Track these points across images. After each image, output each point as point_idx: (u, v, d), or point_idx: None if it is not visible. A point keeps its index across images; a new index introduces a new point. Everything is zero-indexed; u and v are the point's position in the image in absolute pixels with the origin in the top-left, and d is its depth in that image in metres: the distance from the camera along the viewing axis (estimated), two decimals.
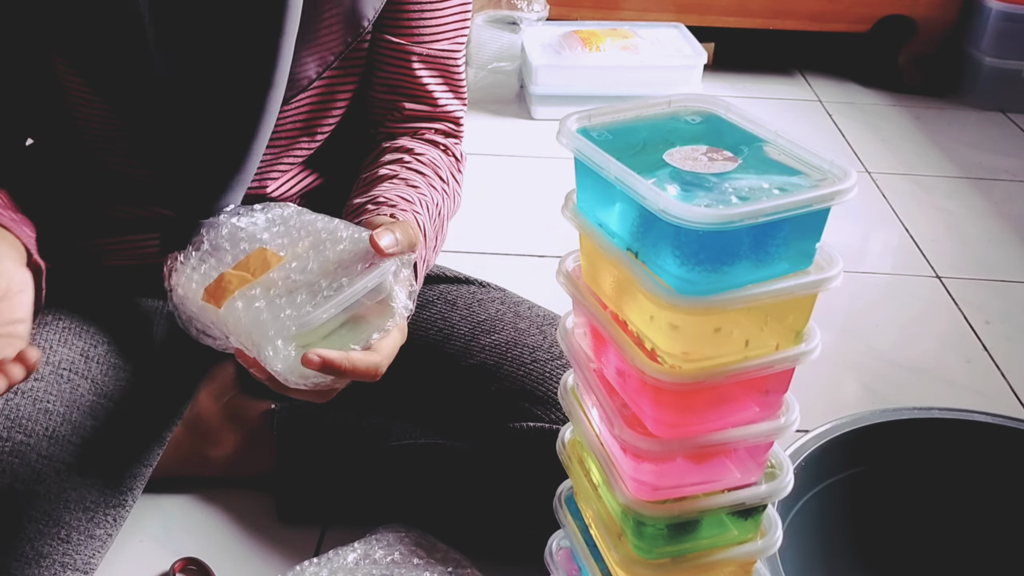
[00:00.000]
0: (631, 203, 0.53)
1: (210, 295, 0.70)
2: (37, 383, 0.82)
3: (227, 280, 0.70)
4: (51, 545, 0.78)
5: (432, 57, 0.91)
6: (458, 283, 1.01)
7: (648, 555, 0.60)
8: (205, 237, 0.75)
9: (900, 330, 1.37)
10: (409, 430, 0.94)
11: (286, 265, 0.70)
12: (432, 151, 0.93)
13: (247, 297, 0.68)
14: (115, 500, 0.84)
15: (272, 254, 0.71)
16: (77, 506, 0.81)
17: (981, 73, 2.19)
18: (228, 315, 0.68)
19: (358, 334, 0.69)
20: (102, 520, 0.82)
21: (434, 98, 0.94)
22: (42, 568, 0.77)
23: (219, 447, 0.99)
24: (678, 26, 2.21)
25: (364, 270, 0.69)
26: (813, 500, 0.87)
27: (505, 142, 1.92)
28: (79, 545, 0.80)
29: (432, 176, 0.90)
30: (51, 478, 0.80)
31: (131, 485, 0.86)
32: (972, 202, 1.77)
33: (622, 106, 0.61)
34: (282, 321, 0.65)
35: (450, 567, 0.87)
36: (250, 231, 0.75)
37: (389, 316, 0.70)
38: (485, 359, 0.91)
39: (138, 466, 0.87)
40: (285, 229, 0.75)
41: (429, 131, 0.95)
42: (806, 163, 0.55)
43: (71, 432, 0.82)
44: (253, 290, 0.68)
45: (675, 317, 0.53)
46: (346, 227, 0.74)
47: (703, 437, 0.57)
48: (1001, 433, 0.90)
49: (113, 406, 0.86)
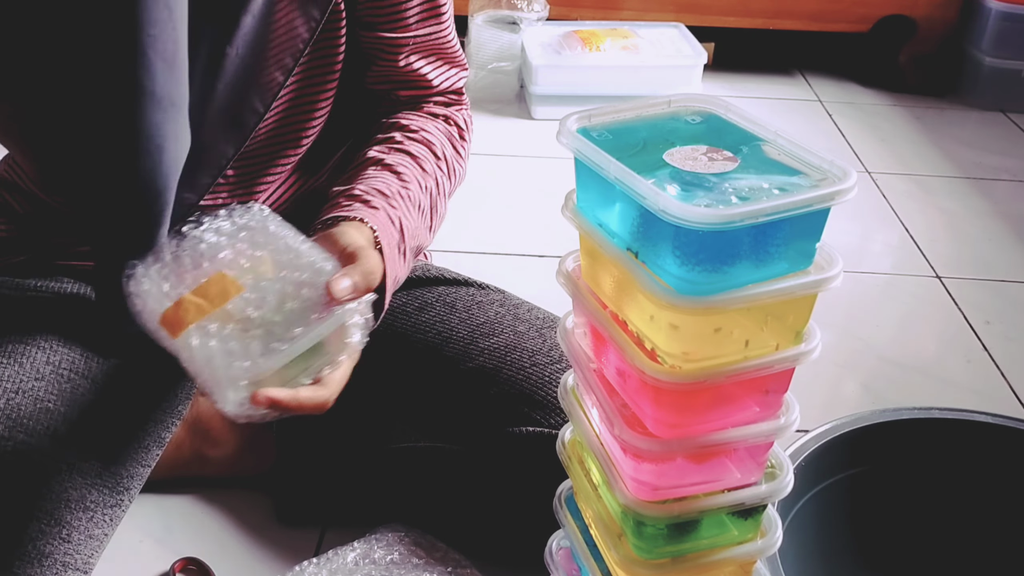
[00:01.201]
0: (631, 203, 0.53)
1: (166, 322, 0.70)
2: (38, 383, 0.82)
3: (184, 308, 0.70)
4: (53, 545, 0.78)
5: (419, 43, 0.90)
6: (457, 285, 1.01)
7: (648, 555, 0.60)
8: (166, 248, 0.74)
9: (900, 330, 1.37)
10: (409, 433, 0.94)
11: (245, 296, 0.70)
12: (428, 124, 0.92)
13: (203, 332, 0.68)
14: (113, 500, 0.84)
15: (231, 282, 0.71)
16: (78, 506, 0.81)
17: (981, 73, 2.19)
18: (181, 347, 0.68)
19: (311, 363, 0.71)
20: (100, 520, 0.82)
21: (428, 80, 0.93)
22: (44, 568, 0.77)
23: (219, 448, 0.99)
24: (678, 26, 2.21)
25: (318, 318, 0.69)
26: (813, 500, 0.87)
27: (505, 142, 1.92)
28: (79, 545, 0.80)
29: (424, 156, 0.89)
30: (53, 478, 0.80)
31: (128, 486, 0.86)
32: (972, 202, 1.77)
33: (622, 106, 0.61)
34: (235, 369, 0.66)
35: (449, 567, 0.87)
36: (213, 245, 0.74)
37: (342, 350, 0.72)
38: (484, 363, 0.91)
39: (137, 467, 0.87)
40: (250, 243, 0.74)
41: (428, 104, 0.95)
42: (806, 163, 0.55)
43: (72, 432, 0.82)
44: (209, 324, 0.68)
45: (675, 317, 0.53)
46: (309, 252, 0.73)
47: (703, 437, 0.57)
48: (1001, 433, 0.90)
49: (113, 406, 0.86)
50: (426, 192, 0.88)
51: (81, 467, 0.82)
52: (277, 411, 0.68)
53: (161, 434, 0.90)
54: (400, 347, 0.95)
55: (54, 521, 0.78)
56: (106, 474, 0.84)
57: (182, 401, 0.94)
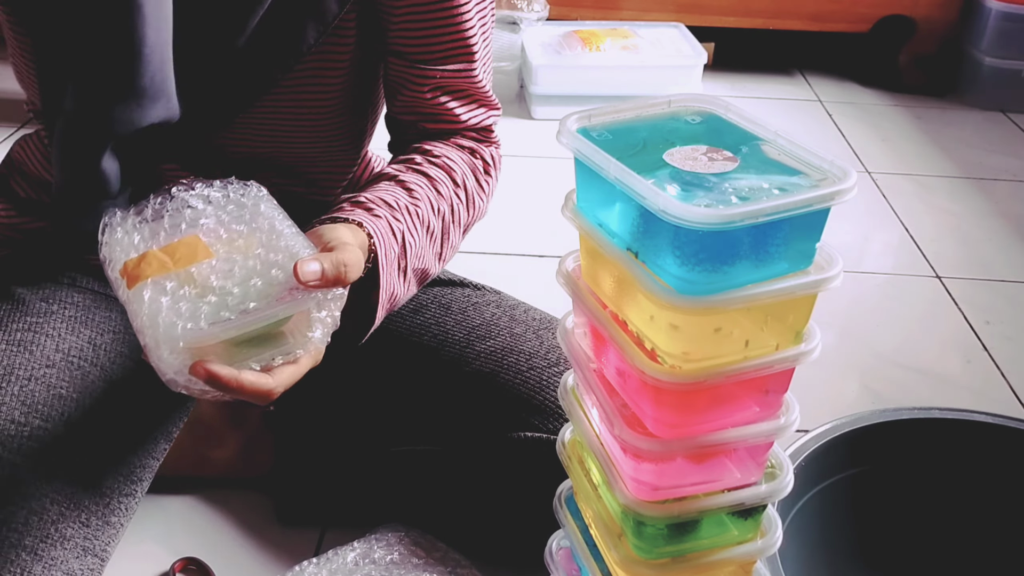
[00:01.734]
0: (631, 203, 0.53)
1: (126, 272, 0.67)
2: (49, 370, 0.83)
3: (147, 262, 0.67)
4: (73, 528, 0.78)
5: (447, 77, 0.88)
6: (452, 286, 1.00)
7: (648, 555, 0.60)
8: (150, 203, 0.72)
9: (900, 330, 1.37)
10: (408, 436, 0.94)
11: (212, 263, 0.67)
12: (452, 152, 0.89)
13: (158, 287, 0.65)
14: (127, 488, 0.84)
15: (203, 247, 0.68)
16: (95, 490, 0.81)
17: (981, 73, 2.19)
18: (134, 299, 0.66)
19: (265, 349, 0.67)
20: (116, 507, 0.83)
21: (455, 115, 0.90)
22: (66, 551, 0.77)
23: (220, 448, 0.99)
24: (678, 26, 2.21)
25: (281, 298, 0.66)
26: (813, 500, 0.87)
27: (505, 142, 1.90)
28: (97, 531, 0.80)
29: (441, 180, 0.86)
30: (70, 460, 0.80)
31: (141, 476, 0.86)
32: (972, 202, 1.77)
33: (622, 106, 0.61)
34: (176, 329, 0.63)
35: (449, 567, 0.87)
36: (197, 211, 0.71)
37: (300, 344, 0.68)
38: (481, 366, 0.90)
39: (148, 458, 0.87)
40: (236, 217, 0.72)
41: (456, 137, 0.92)
42: (806, 163, 0.55)
43: (85, 417, 0.82)
44: (167, 282, 0.66)
45: (675, 317, 0.53)
46: (293, 237, 0.70)
47: (703, 437, 0.57)
48: (1001, 433, 0.90)
49: (122, 394, 0.87)
50: (438, 215, 0.85)
51: (96, 452, 0.82)
52: (217, 389, 0.64)
53: (169, 428, 0.91)
54: (397, 349, 0.95)
55: (73, 504, 0.79)
56: (119, 460, 0.84)
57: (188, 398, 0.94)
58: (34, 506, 0.77)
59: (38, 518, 0.76)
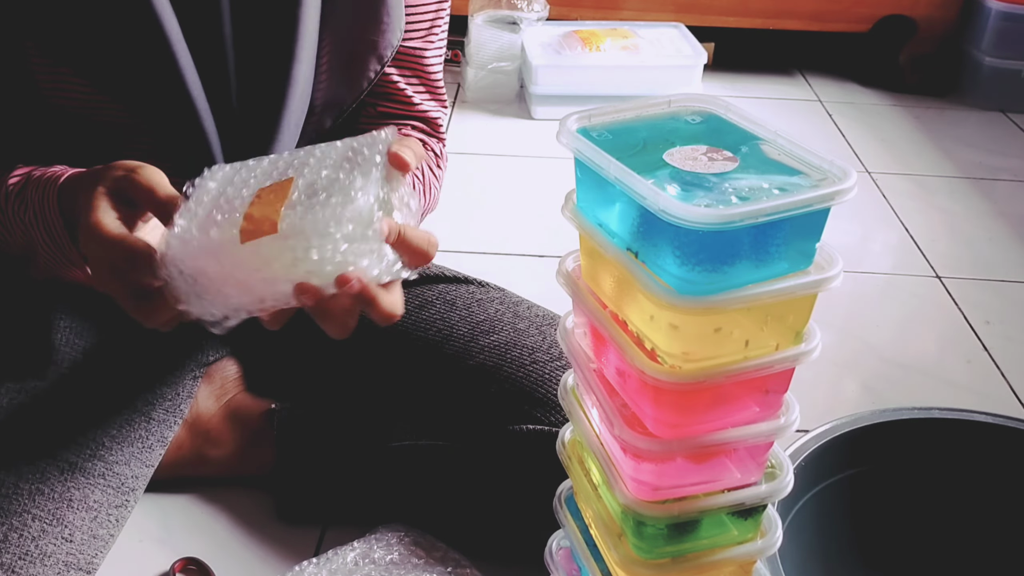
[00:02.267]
0: (631, 203, 0.53)
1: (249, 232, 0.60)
2: (39, 383, 0.83)
3: (260, 209, 0.61)
4: (55, 544, 0.78)
5: (403, 55, 0.90)
6: (457, 283, 1.01)
7: (648, 555, 0.60)
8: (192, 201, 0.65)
9: (900, 330, 1.37)
10: (409, 431, 0.94)
11: (299, 182, 0.64)
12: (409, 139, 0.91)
13: (294, 208, 0.61)
14: (118, 500, 0.84)
15: (279, 184, 0.64)
16: (81, 506, 0.81)
17: (981, 73, 2.19)
18: (290, 230, 0.59)
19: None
20: (105, 520, 0.82)
21: (407, 96, 0.93)
22: (46, 567, 0.77)
23: (219, 447, 0.99)
24: (678, 26, 2.21)
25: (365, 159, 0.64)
26: (813, 500, 0.87)
27: (505, 142, 1.92)
28: (83, 545, 0.80)
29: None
30: (55, 477, 0.80)
31: (134, 486, 0.86)
32: (972, 202, 1.77)
33: (622, 106, 0.61)
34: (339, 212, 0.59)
35: (449, 567, 0.87)
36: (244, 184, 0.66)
37: (400, 184, 0.65)
38: (484, 360, 0.91)
39: (142, 467, 0.87)
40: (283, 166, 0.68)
41: (407, 127, 0.95)
42: (806, 163, 0.55)
43: (74, 431, 0.82)
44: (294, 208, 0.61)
45: (675, 317, 0.53)
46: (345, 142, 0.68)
47: (703, 437, 0.57)
48: (1001, 433, 0.90)
49: (115, 405, 0.86)
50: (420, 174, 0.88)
51: (84, 467, 0.82)
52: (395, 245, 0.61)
53: (164, 433, 0.90)
54: (400, 345, 0.95)
55: (56, 520, 0.79)
56: (110, 474, 0.84)
57: (184, 400, 0.94)
58: (15, 523, 0.77)
59: (18, 535, 0.77)
